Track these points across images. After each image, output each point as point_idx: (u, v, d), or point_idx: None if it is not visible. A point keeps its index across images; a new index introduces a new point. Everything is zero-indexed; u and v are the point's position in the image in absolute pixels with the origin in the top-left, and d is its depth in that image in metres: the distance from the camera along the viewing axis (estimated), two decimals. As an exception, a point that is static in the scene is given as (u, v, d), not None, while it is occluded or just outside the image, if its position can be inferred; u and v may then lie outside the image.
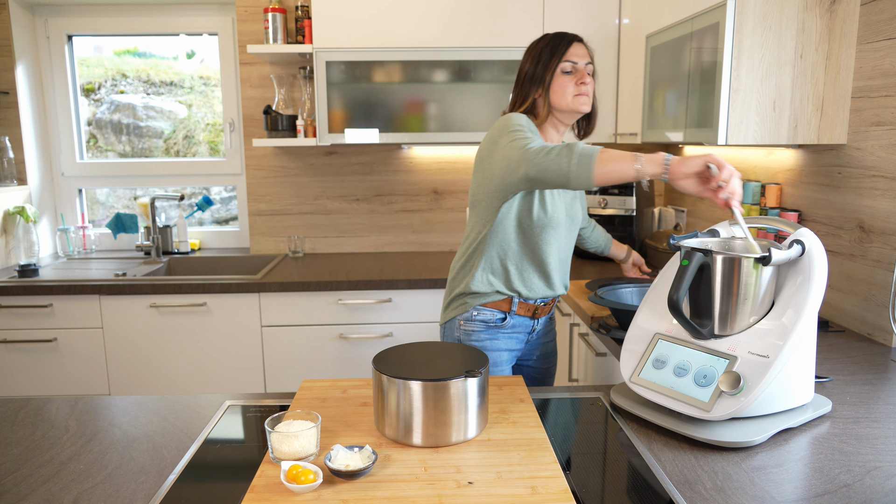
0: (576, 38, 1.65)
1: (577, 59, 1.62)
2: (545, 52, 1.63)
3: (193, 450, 1.11)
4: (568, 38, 1.65)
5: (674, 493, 0.96)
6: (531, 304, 1.70)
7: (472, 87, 2.71)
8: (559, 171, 1.34)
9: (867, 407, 1.27)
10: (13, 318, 2.52)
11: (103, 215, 3.33)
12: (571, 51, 1.62)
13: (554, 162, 1.35)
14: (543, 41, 1.66)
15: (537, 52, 1.65)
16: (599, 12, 2.72)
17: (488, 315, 1.68)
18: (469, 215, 1.71)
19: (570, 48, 1.62)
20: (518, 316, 1.70)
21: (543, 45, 1.65)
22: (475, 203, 1.66)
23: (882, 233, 1.67)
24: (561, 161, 1.34)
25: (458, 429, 1.06)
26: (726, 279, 1.16)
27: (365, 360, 2.62)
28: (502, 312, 1.69)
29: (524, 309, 1.70)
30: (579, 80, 1.62)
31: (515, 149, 1.46)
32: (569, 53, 1.62)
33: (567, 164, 1.33)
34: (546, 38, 1.67)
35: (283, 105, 2.99)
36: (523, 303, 1.69)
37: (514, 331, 1.72)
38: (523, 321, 1.72)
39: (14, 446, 1.13)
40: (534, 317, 1.73)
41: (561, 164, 1.34)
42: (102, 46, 3.21)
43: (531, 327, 1.75)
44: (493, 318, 1.69)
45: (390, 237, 3.20)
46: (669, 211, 2.96)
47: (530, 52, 1.67)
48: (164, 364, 2.58)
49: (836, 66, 1.77)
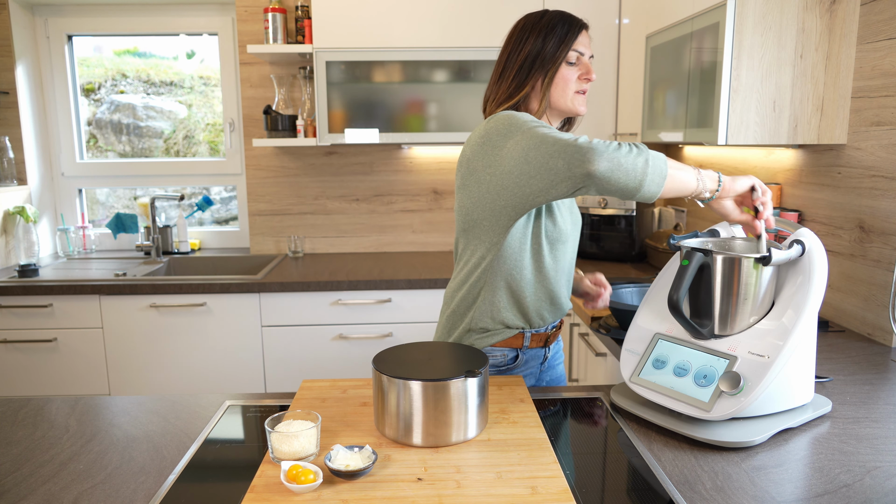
0: (583, 25, 1.39)
1: (583, 49, 1.37)
2: (559, 30, 1.35)
3: (193, 450, 1.11)
4: (578, 22, 1.38)
5: (674, 493, 0.96)
6: (543, 334, 1.46)
7: (472, 87, 2.71)
8: (634, 173, 1.11)
9: (867, 407, 1.27)
10: (13, 318, 2.52)
11: (103, 215, 3.33)
12: (580, 38, 1.37)
13: (629, 161, 1.11)
14: (550, 17, 1.37)
15: (547, 26, 1.35)
16: (599, 12, 2.72)
17: (499, 357, 1.44)
18: (461, 240, 1.41)
19: (580, 35, 1.37)
20: (530, 350, 1.46)
21: (556, 21, 1.35)
22: (471, 225, 1.36)
23: (882, 233, 1.67)
24: (637, 161, 1.11)
25: (458, 429, 1.06)
26: (726, 279, 1.16)
27: (365, 360, 2.62)
28: (514, 350, 1.44)
29: (536, 340, 1.46)
30: (584, 74, 1.37)
31: (563, 141, 1.15)
32: (578, 42, 1.36)
33: (643, 166, 1.12)
34: (552, 14, 1.38)
35: (283, 105, 2.99)
36: (535, 334, 1.45)
37: (527, 367, 1.48)
38: (536, 353, 1.48)
39: (14, 446, 1.13)
40: (545, 345, 1.49)
41: (637, 164, 1.11)
42: (102, 46, 3.21)
43: (543, 356, 1.51)
44: (504, 360, 1.44)
45: (390, 237, 3.20)
46: (669, 211, 2.96)
47: (533, 27, 1.36)
48: (164, 364, 2.58)
49: (836, 66, 1.77)
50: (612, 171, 1.10)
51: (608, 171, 1.11)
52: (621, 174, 1.11)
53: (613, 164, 1.10)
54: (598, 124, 2.81)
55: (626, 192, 1.13)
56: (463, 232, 1.40)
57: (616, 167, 1.10)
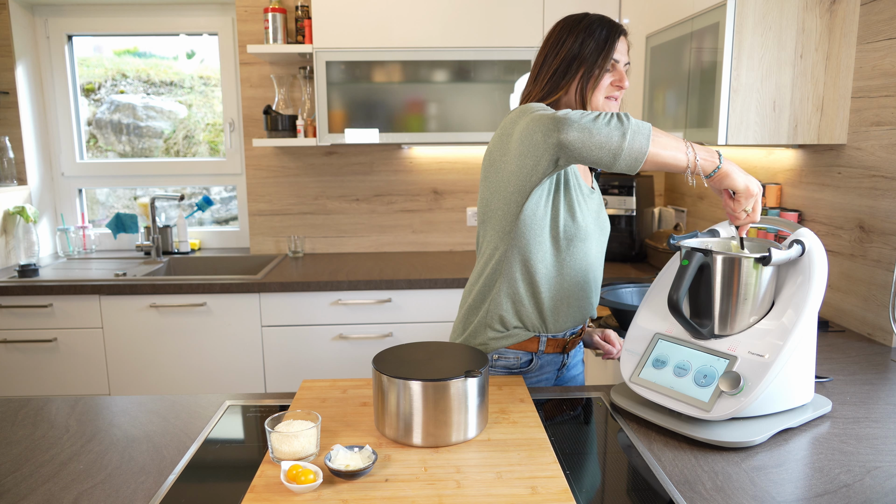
0: (623, 31, 1.36)
1: (619, 57, 1.34)
2: (598, 35, 1.32)
3: (193, 450, 1.11)
4: (618, 28, 1.35)
5: (674, 493, 0.96)
6: (560, 339, 1.43)
7: (472, 87, 2.71)
8: (608, 141, 1.10)
9: (867, 407, 1.27)
10: (13, 318, 2.52)
11: (103, 215, 3.33)
12: (618, 46, 1.34)
13: (603, 129, 1.10)
14: (590, 20, 1.35)
15: (586, 30, 1.32)
16: (599, 12, 2.71)
17: (512, 360, 1.41)
18: (481, 233, 1.43)
19: (618, 43, 1.34)
20: (546, 354, 1.43)
21: (595, 26, 1.33)
22: (488, 215, 1.37)
23: (882, 233, 1.67)
24: (612, 130, 1.10)
25: (458, 429, 1.06)
26: (726, 279, 1.16)
27: (365, 360, 2.62)
28: (528, 353, 1.41)
29: (553, 346, 1.42)
30: (616, 81, 1.35)
31: (543, 115, 1.18)
32: (616, 49, 1.33)
33: (620, 135, 1.10)
34: (592, 18, 1.36)
35: (283, 105, 2.99)
36: (552, 339, 1.42)
37: (542, 372, 1.45)
38: (552, 358, 1.45)
39: (14, 446, 1.13)
40: (564, 351, 1.45)
41: (612, 133, 1.10)
42: (102, 46, 3.21)
43: (561, 362, 1.47)
44: (518, 363, 1.42)
45: (390, 237, 3.20)
46: (669, 211, 2.95)
47: (575, 27, 1.34)
48: (164, 364, 2.58)
49: (836, 66, 1.77)
50: (582, 141, 1.11)
51: (578, 141, 1.11)
52: (593, 145, 1.11)
53: (584, 135, 1.11)
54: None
55: (602, 164, 1.13)
56: (482, 224, 1.41)
57: (587, 137, 1.11)
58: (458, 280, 2.57)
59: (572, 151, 1.13)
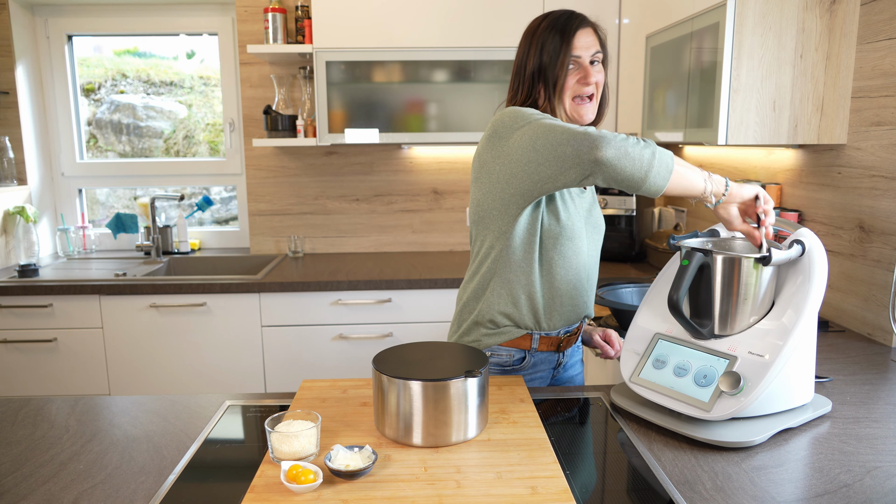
0: (580, 24, 1.34)
1: (579, 53, 1.33)
2: (551, 43, 1.33)
3: (193, 450, 1.11)
4: (573, 23, 1.34)
5: (674, 493, 0.96)
6: (554, 338, 1.43)
7: (472, 87, 2.71)
8: (640, 165, 1.12)
9: (867, 407, 1.27)
10: (13, 318, 2.52)
11: (103, 215, 3.33)
12: (575, 42, 1.33)
13: (636, 152, 1.12)
14: (545, 26, 1.35)
15: (541, 38, 1.34)
16: (599, 12, 2.71)
17: (504, 357, 1.42)
18: (473, 232, 1.43)
19: (574, 39, 1.33)
20: (540, 353, 1.43)
21: (548, 33, 1.34)
22: (481, 216, 1.37)
23: (882, 233, 1.67)
24: (644, 154, 1.13)
25: (458, 429, 1.06)
26: (726, 279, 1.16)
27: (365, 360, 2.62)
28: (521, 351, 1.42)
29: (547, 344, 1.43)
30: (582, 79, 1.34)
31: (572, 129, 1.17)
32: (573, 46, 1.33)
33: (650, 159, 1.13)
34: (547, 22, 1.35)
35: (283, 105, 2.99)
36: (545, 337, 1.42)
37: (536, 370, 1.45)
38: (547, 357, 1.45)
39: (14, 446, 1.13)
40: (559, 350, 1.46)
41: (644, 156, 1.13)
42: (102, 46, 3.21)
43: (556, 361, 1.47)
44: (510, 360, 1.42)
45: (390, 237, 3.20)
46: (669, 211, 2.96)
47: (532, 38, 1.36)
48: (164, 364, 2.58)
49: (836, 66, 1.77)
50: (619, 158, 1.12)
51: (615, 159, 1.12)
52: (628, 163, 1.12)
53: (620, 153, 1.12)
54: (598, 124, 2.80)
55: (633, 183, 1.14)
56: (474, 224, 1.41)
57: (623, 155, 1.12)
58: (458, 280, 2.57)
59: (608, 169, 1.13)
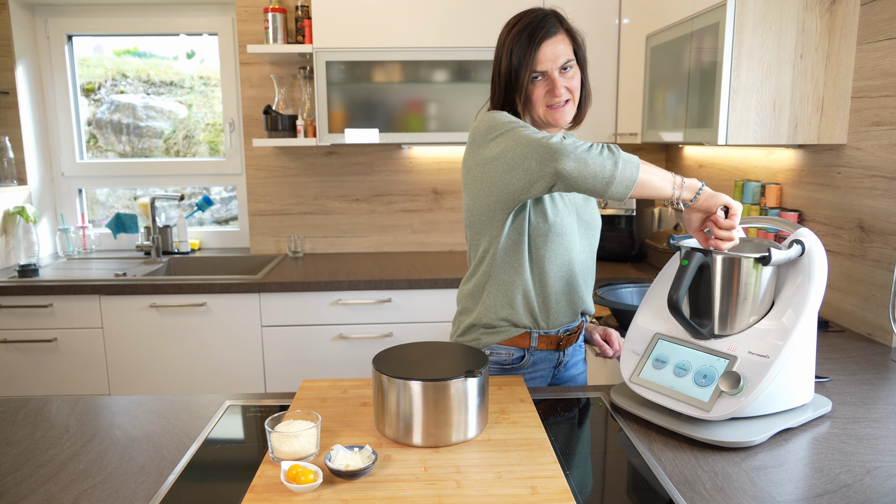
0: (546, 34, 1.31)
1: (545, 67, 1.32)
2: (517, 50, 1.32)
3: (193, 450, 1.11)
4: (538, 34, 1.31)
5: (674, 493, 0.96)
6: (553, 336, 1.43)
7: (472, 87, 2.71)
8: (602, 172, 1.16)
9: (867, 407, 1.27)
10: (13, 318, 2.52)
11: (103, 215, 3.33)
12: (539, 56, 1.31)
13: (597, 160, 1.16)
14: (515, 32, 1.33)
15: (510, 44, 1.33)
16: (599, 12, 2.72)
17: (503, 355, 1.42)
18: (468, 236, 1.45)
19: (539, 53, 1.31)
20: (539, 351, 1.44)
21: (515, 40, 1.33)
22: (472, 221, 1.40)
23: (882, 233, 1.67)
24: (605, 162, 1.16)
25: (458, 429, 1.06)
26: (726, 279, 1.16)
27: (365, 360, 2.62)
28: (520, 350, 1.42)
29: (546, 342, 1.43)
30: (549, 91, 1.34)
31: (536, 142, 1.21)
32: (537, 60, 1.31)
33: (612, 166, 1.16)
34: (517, 28, 1.33)
35: (283, 105, 2.99)
36: (544, 336, 1.42)
37: (536, 369, 1.45)
38: (546, 356, 1.45)
39: (14, 446, 1.13)
40: (559, 348, 1.46)
41: (605, 165, 1.16)
42: (102, 46, 3.21)
43: (557, 360, 1.47)
44: (510, 359, 1.42)
45: (390, 237, 3.20)
46: (669, 211, 2.95)
47: (505, 40, 1.35)
48: (164, 364, 2.58)
49: (836, 66, 1.77)
50: (579, 170, 1.17)
51: (575, 171, 1.17)
52: (588, 174, 1.17)
53: (580, 164, 1.16)
54: (597, 124, 2.81)
55: (595, 192, 1.19)
56: (468, 228, 1.43)
57: (583, 167, 1.16)
58: (458, 280, 2.57)
59: (569, 180, 1.18)
